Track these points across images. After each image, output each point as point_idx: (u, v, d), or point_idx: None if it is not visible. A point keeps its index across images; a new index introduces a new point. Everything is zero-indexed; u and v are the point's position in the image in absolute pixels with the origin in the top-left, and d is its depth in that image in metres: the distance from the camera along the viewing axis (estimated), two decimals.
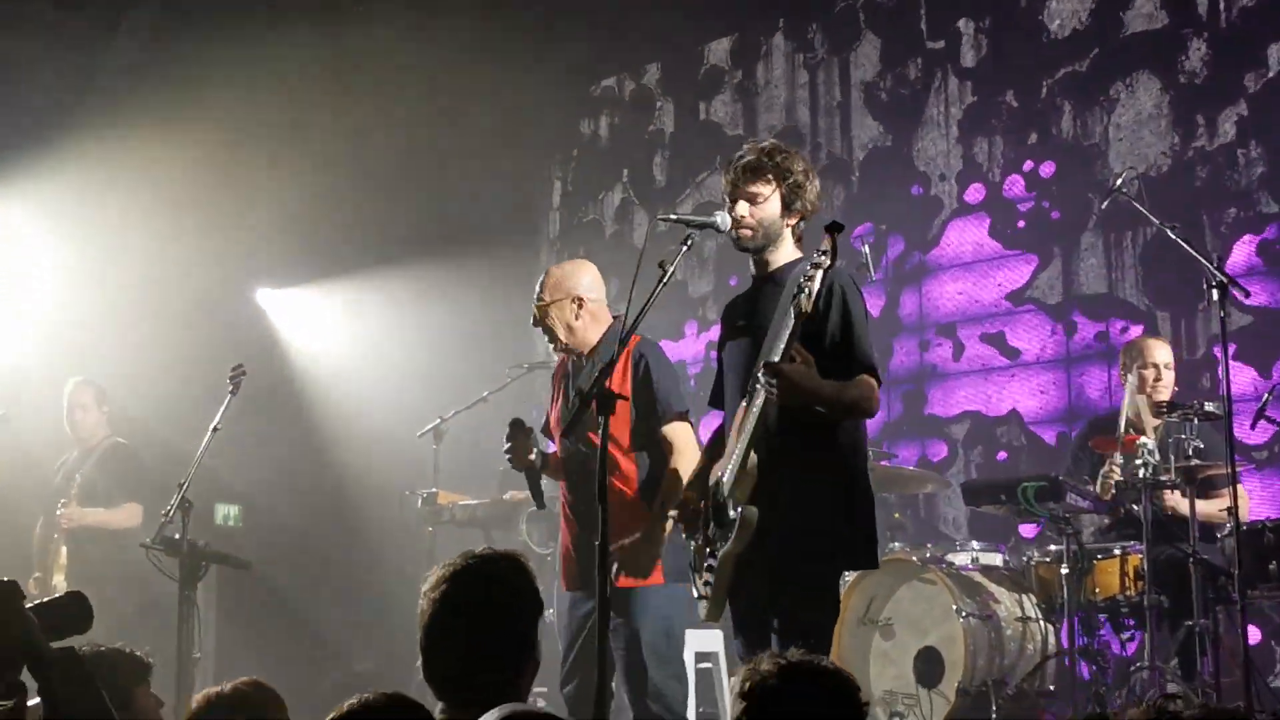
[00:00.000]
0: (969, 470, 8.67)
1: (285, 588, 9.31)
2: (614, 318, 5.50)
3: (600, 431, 4.12)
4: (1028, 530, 8.03)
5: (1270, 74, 7.88)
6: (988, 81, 9.06)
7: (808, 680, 2.98)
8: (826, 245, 4.17)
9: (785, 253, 4.66)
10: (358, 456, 10.00)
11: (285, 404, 10.05)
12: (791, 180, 4.62)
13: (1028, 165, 8.75)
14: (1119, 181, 6.26)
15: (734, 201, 4.65)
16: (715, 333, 5.50)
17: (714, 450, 4.72)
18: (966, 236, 8.97)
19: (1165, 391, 6.67)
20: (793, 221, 4.66)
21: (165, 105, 9.47)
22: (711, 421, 5.21)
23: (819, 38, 10.05)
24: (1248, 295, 5.78)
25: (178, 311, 9.54)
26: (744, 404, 4.44)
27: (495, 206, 11.12)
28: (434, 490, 8.45)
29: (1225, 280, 5.48)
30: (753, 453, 4.37)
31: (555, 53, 10.92)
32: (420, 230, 10.55)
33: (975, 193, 8.98)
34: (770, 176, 4.63)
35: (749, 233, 4.63)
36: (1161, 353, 6.80)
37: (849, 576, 6.47)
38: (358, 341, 10.45)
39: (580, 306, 5.44)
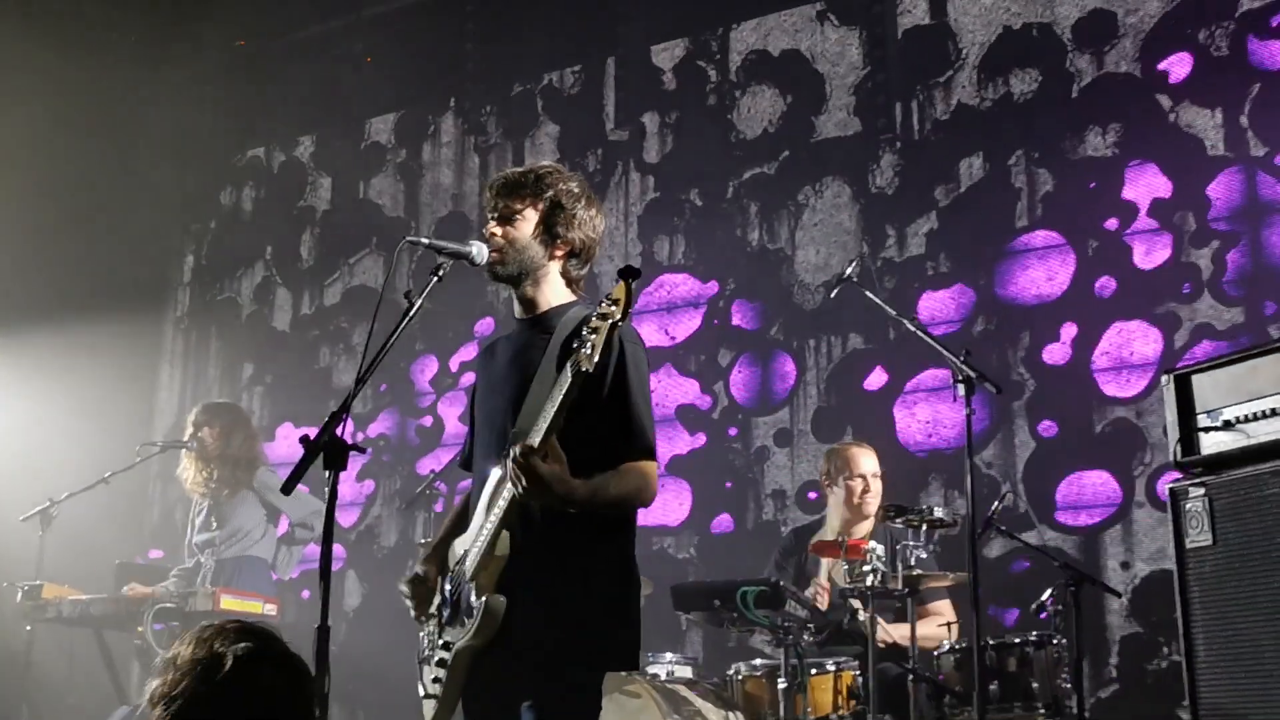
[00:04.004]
0: None
1: None
2: None
3: None
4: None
5: (960, 189, 7.79)
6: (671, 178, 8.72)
7: None
8: (619, 294, 3.43)
9: (555, 292, 3.92)
10: None
11: None
12: (552, 198, 3.92)
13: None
14: (849, 270, 5.91)
15: (488, 223, 3.97)
16: None
17: (459, 520, 3.93)
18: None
19: (874, 502, 6.37)
20: (559, 253, 3.92)
21: None
22: None
23: (493, 120, 9.51)
24: (1000, 391, 5.46)
25: None
26: (497, 473, 3.70)
27: (120, 275, 10.00)
28: (38, 582, 7.27)
29: (973, 375, 5.15)
30: (505, 533, 3.65)
31: (199, 118, 10.04)
32: (34, 295, 9.34)
33: (652, 294, 8.58)
34: (528, 194, 3.92)
35: (497, 255, 3.87)
36: (868, 462, 6.50)
37: None
38: None
39: None
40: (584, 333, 3.43)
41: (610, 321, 3.42)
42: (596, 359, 3.39)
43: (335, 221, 10.04)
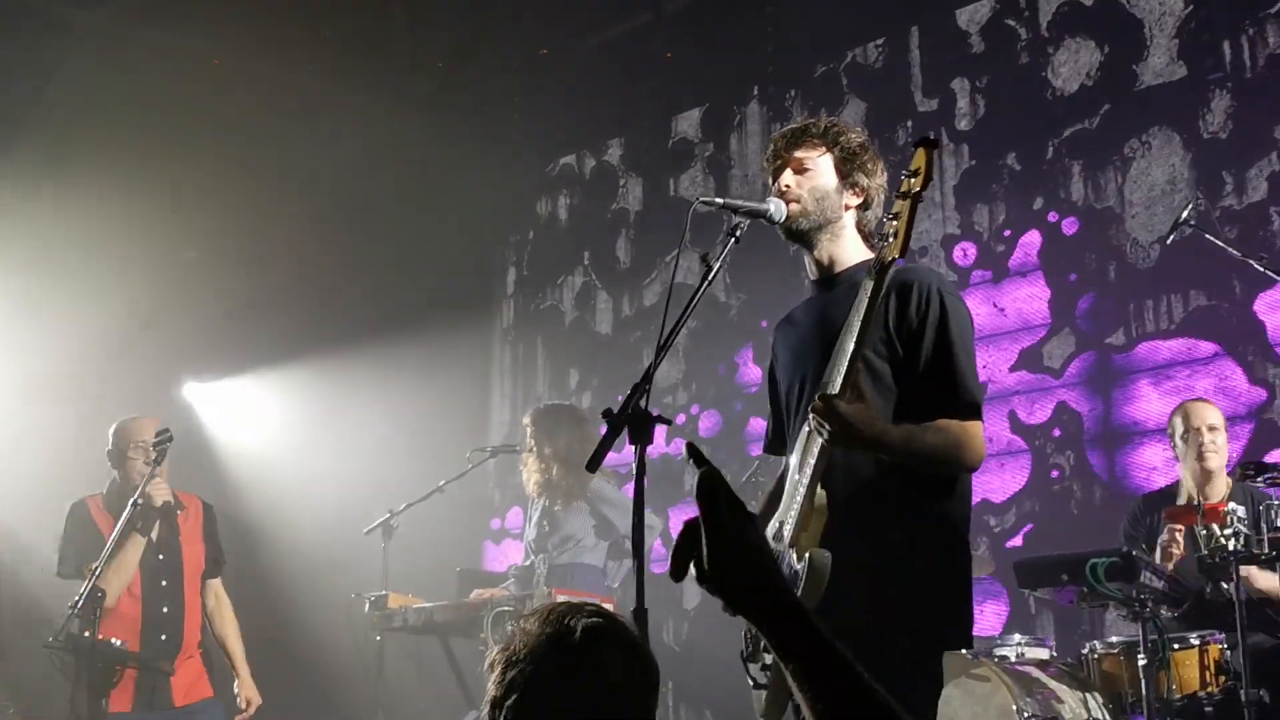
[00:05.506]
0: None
1: None
2: None
3: None
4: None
5: None
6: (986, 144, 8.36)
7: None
8: (918, 163, 3.22)
9: (854, 247, 3.75)
10: (298, 557, 9.02)
11: (216, 501, 9.03)
12: (845, 145, 3.76)
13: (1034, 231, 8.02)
14: (1185, 213, 5.50)
15: (777, 178, 3.79)
16: None
17: (771, 502, 3.72)
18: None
19: (1215, 458, 5.94)
20: (854, 203, 3.75)
21: (93, 183, 8.69)
22: None
23: (798, 104, 9.33)
24: None
25: (97, 408, 8.60)
26: (805, 430, 3.48)
27: (444, 292, 10.28)
28: (384, 593, 7.44)
29: None
30: (821, 487, 3.43)
31: (508, 131, 10.19)
32: (364, 316, 9.70)
33: (970, 261, 8.23)
34: (819, 142, 3.77)
35: (796, 205, 3.71)
36: (1207, 413, 6.08)
37: None
38: (295, 434, 9.54)
39: None
40: (884, 221, 3.25)
41: (911, 196, 3.23)
42: (902, 244, 3.20)
43: (649, 222, 10.03)
